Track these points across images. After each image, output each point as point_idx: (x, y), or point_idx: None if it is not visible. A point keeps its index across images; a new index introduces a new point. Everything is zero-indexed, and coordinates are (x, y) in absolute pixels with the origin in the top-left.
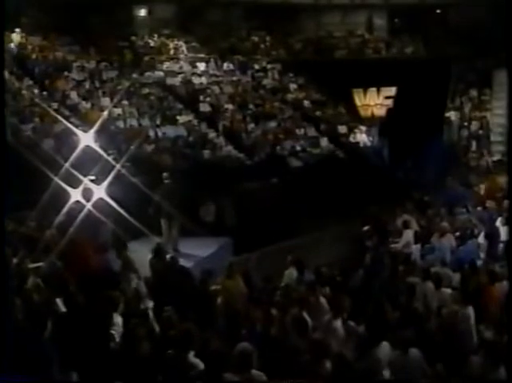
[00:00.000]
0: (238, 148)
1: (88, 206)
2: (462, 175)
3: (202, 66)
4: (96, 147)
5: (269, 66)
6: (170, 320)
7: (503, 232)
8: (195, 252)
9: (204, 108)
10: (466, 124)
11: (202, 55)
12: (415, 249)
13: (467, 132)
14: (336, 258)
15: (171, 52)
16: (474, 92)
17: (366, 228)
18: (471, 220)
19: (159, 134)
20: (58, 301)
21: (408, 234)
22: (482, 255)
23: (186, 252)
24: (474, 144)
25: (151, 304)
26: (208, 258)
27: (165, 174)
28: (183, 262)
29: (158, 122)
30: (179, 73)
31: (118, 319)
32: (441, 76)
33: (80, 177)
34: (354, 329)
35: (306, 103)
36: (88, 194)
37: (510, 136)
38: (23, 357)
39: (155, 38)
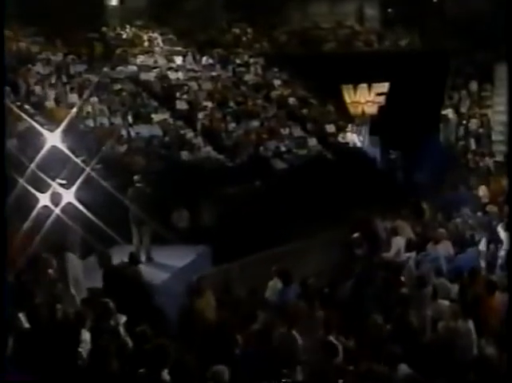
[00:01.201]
0: (217, 149)
1: (57, 211)
2: (461, 177)
3: (178, 60)
4: (63, 147)
5: (251, 60)
6: (144, 335)
7: (505, 239)
8: (171, 262)
9: (181, 105)
10: (464, 122)
11: (178, 48)
12: (410, 257)
13: (466, 130)
14: (324, 268)
15: (145, 44)
16: (473, 88)
17: (356, 235)
18: (471, 226)
19: (132, 134)
20: (21, 316)
21: (399, 242)
22: (483, 264)
23: (160, 261)
24: (473, 143)
25: (123, 319)
26: (185, 268)
27: (136, 177)
28: (157, 272)
29: (131, 121)
30: (154, 68)
31: (86, 335)
32: (438, 71)
33: (48, 180)
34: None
35: (292, 100)
36: (57, 198)
37: (510, 136)
38: None
39: (128, 30)
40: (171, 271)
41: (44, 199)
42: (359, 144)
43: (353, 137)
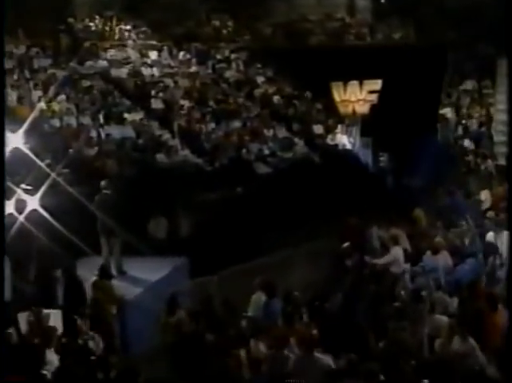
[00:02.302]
0: (195, 152)
1: (21, 219)
2: (461, 181)
3: (153, 55)
4: (26, 150)
5: (232, 56)
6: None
7: (504, 248)
8: (145, 275)
9: (156, 104)
10: (464, 121)
11: (153, 42)
12: (404, 269)
13: (466, 131)
14: (312, 281)
15: (117, 38)
16: (473, 85)
17: (346, 245)
18: (471, 235)
19: (103, 135)
20: None
21: (397, 252)
22: (484, 276)
23: (133, 274)
24: (473, 145)
25: (95, 337)
26: (160, 281)
27: (103, 182)
28: (129, 286)
29: (101, 121)
30: (126, 63)
31: (52, 356)
32: (435, 66)
33: (12, 186)
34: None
35: (276, 99)
36: (22, 205)
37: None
38: None
39: (97, 21)
40: (145, 285)
41: (8, 207)
42: (349, 146)
43: (343, 139)
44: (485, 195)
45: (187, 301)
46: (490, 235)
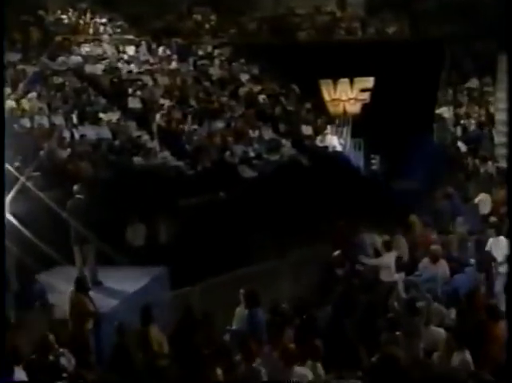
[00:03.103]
0: (176, 154)
1: None
2: (458, 185)
3: (130, 51)
4: None
5: (215, 52)
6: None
7: (503, 256)
8: (121, 286)
9: (134, 103)
10: (462, 121)
11: (130, 37)
12: (398, 278)
13: (464, 131)
14: (300, 292)
15: (91, 32)
16: (472, 82)
17: (336, 253)
18: (469, 241)
19: (77, 136)
20: None
21: (390, 258)
22: (483, 285)
23: (109, 285)
24: (472, 146)
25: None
26: (137, 293)
27: (77, 187)
28: (105, 298)
29: (75, 121)
30: (102, 59)
31: (21, 374)
32: (431, 63)
33: None
34: None
35: (262, 98)
36: None
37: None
38: None
39: (70, 14)
40: (121, 297)
41: None
42: (339, 148)
43: (333, 140)
44: (484, 200)
45: (166, 313)
46: (489, 242)
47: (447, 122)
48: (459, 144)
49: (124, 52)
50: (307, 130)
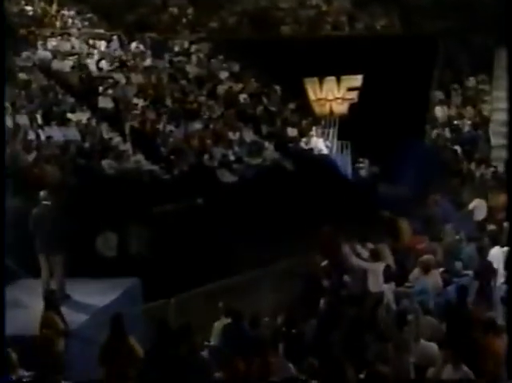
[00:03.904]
0: (150, 158)
1: None
2: (452, 190)
3: (101, 46)
4: None
5: (193, 48)
6: None
7: (501, 265)
8: (91, 299)
9: (105, 103)
10: (456, 122)
11: (101, 31)
12: (388, 289)
13: (458, 133)
14: (283, 304)
15: (58, 25)
16: (467, 80)
17: (324, 263)
18: (463, 250)
19: (43, 137)
20: None
21: (379, 269)
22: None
23: (78, 299)
24: (467, 148)
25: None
26: (108, 307)
27: (43, 193)
28: (73, 313)
29: (40, 121)
30: (70, 55)
31: None
32: (423, 60)
33: None
34: None
35: (243, 97)
36: None
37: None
38: None
39: (35, 5)
40: (91, 311)
41: None
42: (325, 151)
43: (319, 142)
44: (480, 206)
45: (138, 329)
46: (485, 251)
47: (440, 123)
48: (453, 146)
49: (94, 47)
50: (291, 132)
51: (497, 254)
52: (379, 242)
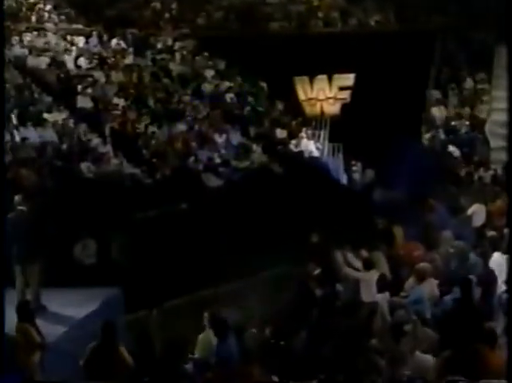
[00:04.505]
0: (132, 161)
1: None
2: (449, 194)
3: (80, 42)
4: None
5: (176, 45)
6: None
7: (501, 276)
8: (69, 310)
9: (83, 102)
10: (454, 123)
11: (79, 26)
12: (382, 299)
13: (456, 134)
14: (271, 315)
15: (34, 19)
16: (466, 79)
17: (317, 272)
18: (461, 257)
19: (18, 139)
20: None
21: (372, 278)
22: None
23: (55, 310)
24: (465, 150)
25: None
26: (87, 318)
27: (18, 197)
28: (50, 325)
29: (15, 121)
30: (47, 51)
31: None
32: (419, 58)
33: None
34: None
35: (229, 97)
36: None
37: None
38: None
39: None
40: (69, 323)
41: None
42: (316, 154)
43: (309, 145)
44: (478, 211)
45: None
46: (484, 259)
47: (437, 124)
48: (450, 148)
49: (72, 43)
50: (280, 133)
51: (497, 262)
52: (373, 250)
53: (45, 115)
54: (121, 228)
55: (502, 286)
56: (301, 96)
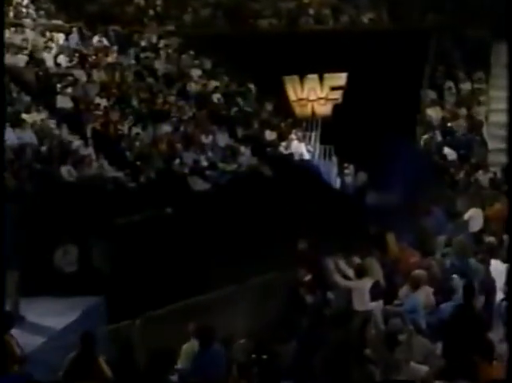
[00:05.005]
0: (114, 164)
1: None
2: (445, 198)
3: (59, 39)
4: None
5: (161, 42)
6: None
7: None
8: (48, 320)
9: (64, 102)
10: (450, 124)
11: (59, 22)
12: (375, 307)
13: (452, 136)
14: (260, 324)
15: (11, 15)
16: (462, 78)
17: (307, 278)
18: (457, 264)
19: None
20: None
21: (365, 286)
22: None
23: (33, 320)
24: (462, 152)
25: None
26: (67, 328)
27: None
28: (29, 335)
29: None
30: (24, 48)
31: None
32: (413, 57)
33: None
34: None
35: (216, 97)
36: None
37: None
38: None
39: None
40: (48, 334)
41: None
42: (307, 156)
43: (300, 147)
44: (476, 216)
45: (101, 352)
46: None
47: (432, 125)
48: (446, 150)
49: (52, 40)
50: (269, 135)
51: (495, 269)
52: (366, 256)
53: (24, 115)
54: (103, 234)
55: (500, 295)
56: (292, 96)
